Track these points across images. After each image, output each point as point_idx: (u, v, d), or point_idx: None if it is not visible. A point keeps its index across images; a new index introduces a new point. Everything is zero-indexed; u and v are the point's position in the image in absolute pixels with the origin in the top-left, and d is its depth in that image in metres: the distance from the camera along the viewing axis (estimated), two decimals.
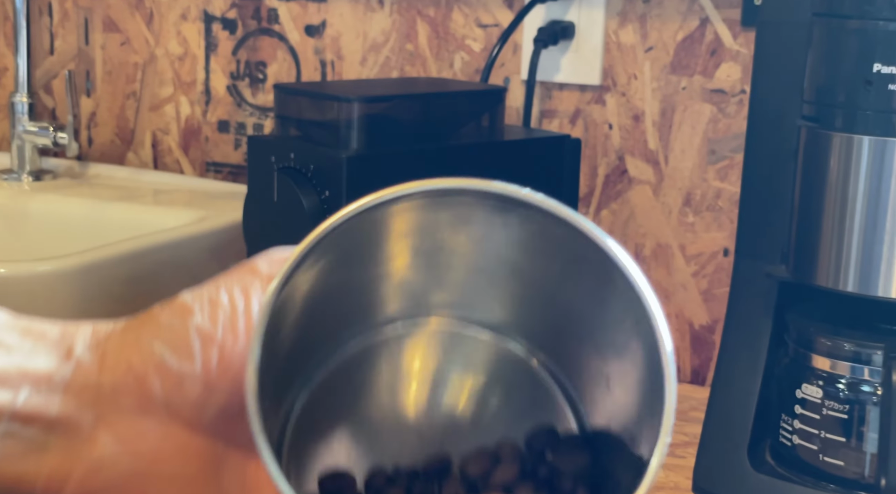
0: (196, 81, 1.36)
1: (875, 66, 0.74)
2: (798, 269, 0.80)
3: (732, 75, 1.07)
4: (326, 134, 0.92)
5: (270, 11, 1.31)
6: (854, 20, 0.75)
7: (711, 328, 1.11)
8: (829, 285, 0.78)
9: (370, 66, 1.25)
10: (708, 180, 1.09)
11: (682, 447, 0.96)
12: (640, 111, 1.12)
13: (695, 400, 1.07)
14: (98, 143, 1.44)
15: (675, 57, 1.09)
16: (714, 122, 1.09)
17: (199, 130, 1.37)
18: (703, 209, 1.10)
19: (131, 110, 1.41)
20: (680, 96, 1.10)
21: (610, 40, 1.12)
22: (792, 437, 0.81)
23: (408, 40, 1.22)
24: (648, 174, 1.12)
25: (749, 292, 0.84)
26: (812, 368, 0.80)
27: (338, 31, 1.27)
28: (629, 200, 1.13)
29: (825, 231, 0.77)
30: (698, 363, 1.12)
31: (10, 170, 1.35)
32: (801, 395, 0.80)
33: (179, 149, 1.39)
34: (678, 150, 1.10)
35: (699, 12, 1.08)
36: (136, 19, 1.39)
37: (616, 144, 1.13)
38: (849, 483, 0.78)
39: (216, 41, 1.34)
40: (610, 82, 1.13)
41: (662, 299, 1.12)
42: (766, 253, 0.82)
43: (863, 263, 0.76)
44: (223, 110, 1.35)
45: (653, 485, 0.41)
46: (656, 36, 1.10)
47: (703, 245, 1.10)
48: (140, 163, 1.42)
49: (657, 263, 1.12)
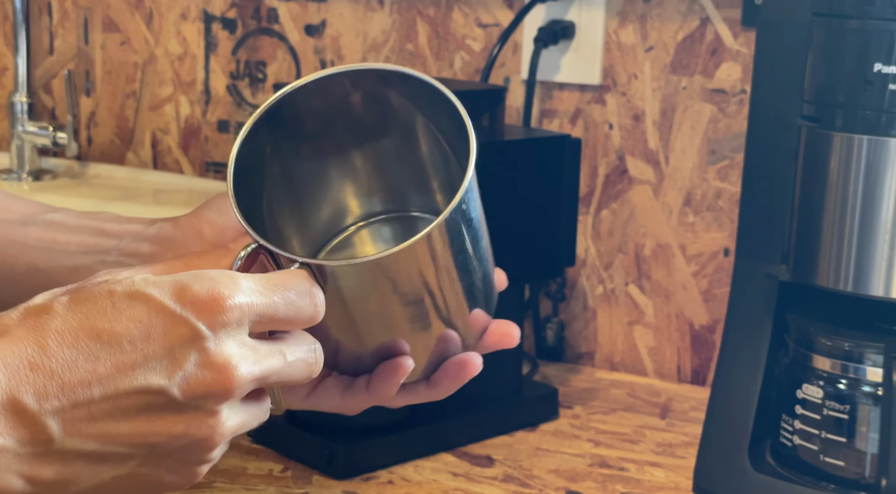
0: (196, 81, 1.36)
1: (875, 66, 0.74)
2: (798, 269, 0.80)
3: (733, 75, 1.07)
4: None
5: (270, 11, 1.31)
6: (854, 20, 0.75)
7: (711, 328, 1.11)
8: (829, 285, 0.78)
9: None
10: (708, 180, 1.09)
11: (682, 447, 0.96)
12: (640, 111, 1.12)
13: (695, 400, 1.07)
14: (98, 143, 1.44)
15: (675, 57, 1.09)
16: (714, 122, 1.09)
17: (199, 129, 1.37)
18: (704, 209, 1.10)
19: (131, 110, 1.41)
20: (680, 96, 1.10)
21: (610, 40, 1.12)
22: (792, 437, 0.81)
23: (408, 40, 1.22)
24: (648, 174, 1.12)
25: (749, 292, 0.84)
26: (812, 368, 0.80)
27: (338, 31, 1.27)
28: (629, 200, 1.13)
29: (825, 231, 0.77)
30: (698, 363, 1.12)
31: (10, 170, 1.35)
32: (802, 395, 0.80)
33: (179, 149, 1.39)
34: (678, 150, 1.10)
35: (699, 12, 1.08)
36: (136, 19, 1.39)
37: (616, 144, 1.13)
38: (849, 483, 0.78)
39: (216, 41, 1.34)
40: (610, 82, 1.13)
41: (663, 299, 1.12)
42: (766, 253, 0.82)
43: (863, 263, 0.76)
44: (223, 110, 1.35)
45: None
46: (656, 36, 1.10)
47: (704, 245, 1.10)
48: (140, 163, 1.42)
49: (657, 263, 1.12)
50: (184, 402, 0.51)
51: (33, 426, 0.50)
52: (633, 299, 1.14)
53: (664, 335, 1.13)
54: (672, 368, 1.13)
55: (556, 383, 1.09)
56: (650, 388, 1.11)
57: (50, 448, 0.51)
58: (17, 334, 0.51)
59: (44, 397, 0.50)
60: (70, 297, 0.52)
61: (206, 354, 0.51)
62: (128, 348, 0.51)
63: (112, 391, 0.51)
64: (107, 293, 0.52)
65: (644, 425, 1.01)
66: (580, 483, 0.88)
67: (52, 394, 0.50)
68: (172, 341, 0.51)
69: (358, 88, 0.63)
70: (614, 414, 1.03)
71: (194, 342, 0.51)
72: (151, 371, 0.51)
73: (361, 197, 0.69)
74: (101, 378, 0.50)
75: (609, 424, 1.01)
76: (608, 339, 1.16)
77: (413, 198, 0.69)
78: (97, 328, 0.51)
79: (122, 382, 0.51)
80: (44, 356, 0.50)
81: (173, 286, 0.52)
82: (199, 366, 0.51)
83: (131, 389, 0.51)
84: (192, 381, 0.51)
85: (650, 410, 1.05)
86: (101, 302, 0.51)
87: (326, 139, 0.65)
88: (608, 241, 1.14)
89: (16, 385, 0.49)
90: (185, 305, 0.51)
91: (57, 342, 0.50)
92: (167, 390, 0.51)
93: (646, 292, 1.13)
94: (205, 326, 0.51)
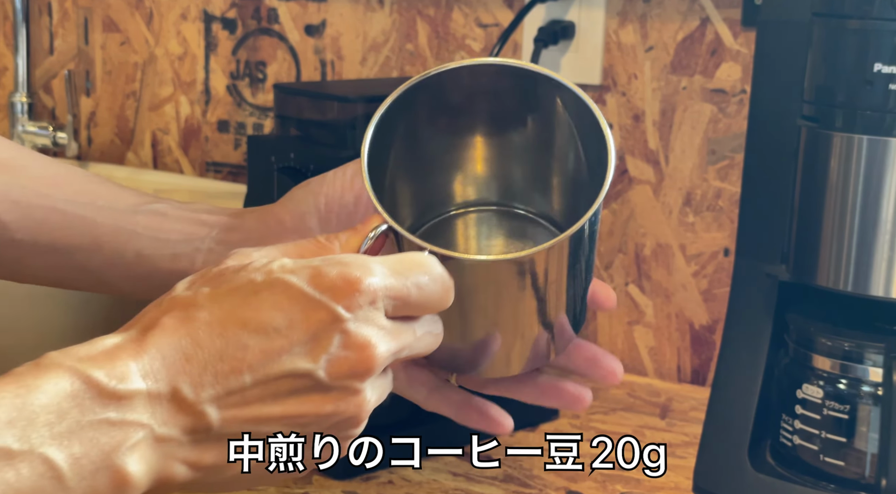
0: (196, 81, 1.36)
1: (875, 66, 0.74)
2: (798, 269, 0.80)
3: (732, 75, 1.07)
4: (326, 134, 0.92)
5: (270, 11, 1.31)
6: (854, 20, 0.75)
7: (711, 328, 1.11)
8: (829, 285, 0.78)
9: (370, 66, 1.25)
10: (708, 180, 1.09)
11: (682, 447, 0.96)
12: (640, 111, 1.12)
13: (695, 400, 1.07)
14: (98, 143, 1.44)
15: (675, 57, 1.09)
16: (714, 122, 1.09)
17: (199, 129, 1.37)
18: (704, 209, 1.10)
19: (131, 110, 1.41)
20: (680, 96, 1.10)
21: (610, 40, 1.12)
22: (792, 437, 0.81)
23: (408, 40, 1.22)
24: (648, 174, 1.12)
25: (749, 292, 0.84)
26: (812, 368, 0.80)
27: (338, 31, 1.27)
28: (629, 199, 1.13)
29: (825, 231, 0.77)
30: (698, 363, 1.12)
31: None
32: (802, 395, 0.80)
33: (179, 149, 1.39)
34: (678, 150, 1.10)
35: (699, 12, 1.08)
36: (136, 19, 1.39)
37: (616, 144, 1.13)
38: (849, 483, 0.78)
39: (216, 41, 1.34)
40: (610, 82, 1.13)
41: (662, 299, 1.12)
42: (766, 253, 0.82)
43: (863, 263, 0.76)
44: (223, 110, 1.35)
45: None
46: (656, 36, 1.10)
47: (704, 245, 1.10)
48: (140, 163, 1.42)
49: (657, 263, 1.12)
50: (330, 383, 0.54)
51: (194, 415, 0.53)
52: (633, 299, 1.14)
53: (664, 335, 1.13)
54: (672, 368, 1.13)
55: None
56: (650, 388, 1.11)
57: (209, 434, 0.53)
58: (169, 326, 0.53)
59: (200, 387, 0.53)
60: (211, 288, 0.55)
61: (347, 336, 0.54)
62: (273, 335, 0.53)
63: (262, 376, 0.53)
64: (247, 282, 0.54)
65: (644, 425, 1.01)
66: (580, 483, 0.88)
67: (208, 384, 0.53)
68: (314, 325, 0.54)
69: (506, 79, 0.65)
70: (614, 414, 1.03)
71: (335, 325, 0.54)
72: (297, 356, 0.54)
73: (472, 184, 0.70)
74: (252, 366, 0.53)
75: (609, 424, 1.01)
76: (608, 339, 1.16)
77: (522, 194, 0.70)
78: (243, 318, 0.54)
79: (270, 368, 0.53)
80: (197, 347, 0.53)
81: (309, 272, 0.54)
82: (341, 348, 0.54)
83: (280, 373, 0.54)
84: (337, 362, 0.54)
85: (650, 410, 1.05)
86: (244, 292, 0.54)
87: (462, 121, 0.67)
88: (608, 241, 1.14)
89: (175, 377, 0.52)
90: (322, 290, 0.54)
91: (207, 333, 0.53)
92: (313, 372, 0.54)
93: (646, 292, 1.13)
94: (343, 309, 0.54)
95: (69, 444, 0.50)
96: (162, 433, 0.52)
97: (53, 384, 0.50)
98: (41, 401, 0.49)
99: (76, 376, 0.51)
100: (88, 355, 0.52)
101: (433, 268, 0.57)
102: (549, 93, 0.64)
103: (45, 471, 0.49)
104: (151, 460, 0.52)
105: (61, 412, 0.50)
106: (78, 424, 0.50)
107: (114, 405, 0.51)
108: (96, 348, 0.52)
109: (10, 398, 0.49)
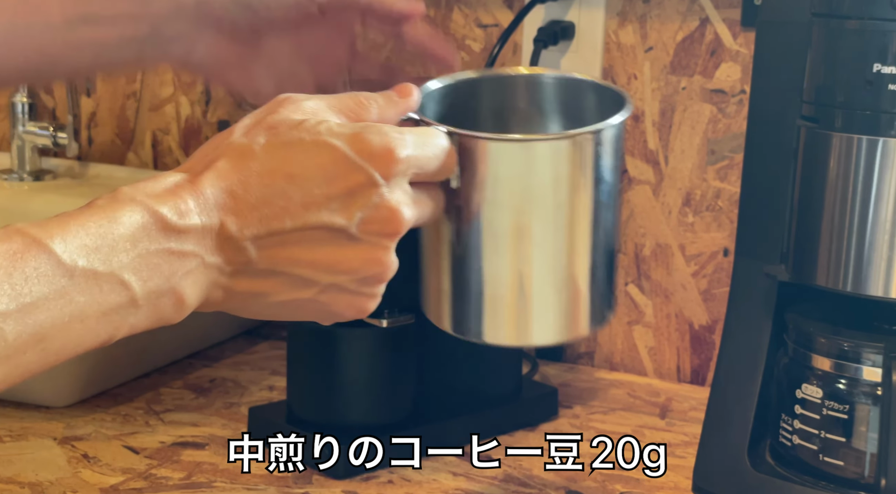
0: (196, 81, 1.36)
1: (875, 66, 0.74)
2: (797, 269, 0.80)
3: (732, 75, 1.07)
4: None
5: None
6: (854, 20, 0.75)
7: (711, 328, 1.11)
8: (829, 285, 0.78)
9: None
10: (708, 180, 1.09)
11: (682, 447, 0.96)
12: (639, 111, 1.12)
13: (695, 400, 1.07)
14: (98, 143, 1.44)
15: (675, 57, 1.09)
16: (714, 122, 1.09)
17: (200, 130, 1.37)
18: (703, 209, 1.10)
19: (131, 110, 1.41)
20: (680, 96, 1.10)
21: (610, 40, 1.12)
22: (792, 437, 0.81)
23: None
24: (648, 174, 1.12)
25: (749, 292, 0.84)
26: (812, 368, 0.80)
27: None
28: (629, 200, 1.13)
29: (824, 231, 0.77)
30: (698, 363, 1.12)
31: (10, 170, 1.35)
32: (801, 395, 0.80)
33: (179, 149, 1.39)
34: (678, 150, 1.10)
35: (699, 12, 1.08)
36: None
37: None
38: (849, 483, 0.78)
39: None
40: (610, 82, 1.13)
41: (662, 299, 1.12)
42: (766, 253, 0.82)
43: (862, 263, 0.76)
44: (223, 110, 1.35)
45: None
46: (656, 36, 1.10)
47: (703, 245, 1.10)
48: (140, 163, 1.42)
49: (657, 263, 1.12)
50: (361, 238, 0.61)
51: (237, 249, 0.60)
52: (632, 299, 1.14)
53: (664, 335, 1.13)
54: (671, 368, 1.13)
55: (556, 382, 1.10)
56: (650, 388, 1.11)
57: (248, 267, 0.61)
58: (223, 169, 0.60)
59: (245, 226, 0.59)
60: (267, 139, 0.61)
61: (380, 198, 0.61)
62: (315, 191, 0.60)
63: (301, 224, 0.60)
64: (298, 141, 0.61)
65: (644, 425, 1.01)
66: (580, 482, 0.88)
67: (252, 224, 0.59)
68: (352, 186, 0.61)
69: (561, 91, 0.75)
70: (614, 414, 1.03)
71: (370, 188, 0.61)
72: (334, 211, 0.61)
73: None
74: (292, 214, 0.60)
75: (609, 424, 1.01)
76: (608, 339, 1.16)
77: None
78: (290, 172, 0.60)
79: (309, 218, 0.60)
80: (246, 192, 0.60)
81: (353, 138, 0.61)
82: (374, 208, 0.61)
83: (317, 224, 0.61)
84: (369, 221, 0.61)
85: (650, 410, 1.05)
86: (294, 149, 0.61)
87: (497, 122, 0.75)
88: None
89: (224, 215, 0.59)
90: (363, 156, 0.61)
91: (257, 180, 0.60)
92: (347, 228, 0.61)
93: (645, 292, 1.13)
94: (379, 175, 0.61)
95: (140, 269, 0.57)
96: (210, 261, 0.59)
97: (128, 216, 0.57)
98: (119, 231, 0.57)
99: (146, 211, 0.57)
100: (154, 192, 0.59)
101: (445, 142, 0.65)
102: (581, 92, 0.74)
103: (122, 291, 0.57)
104: (202, 284, 0.60)
105: (135, 241, 0.57)
106: (147, 252, 0.57)
107: (175, 237, 0.58)
108: (161, 185, 0.59)
109: (95, 228, 0.56)
